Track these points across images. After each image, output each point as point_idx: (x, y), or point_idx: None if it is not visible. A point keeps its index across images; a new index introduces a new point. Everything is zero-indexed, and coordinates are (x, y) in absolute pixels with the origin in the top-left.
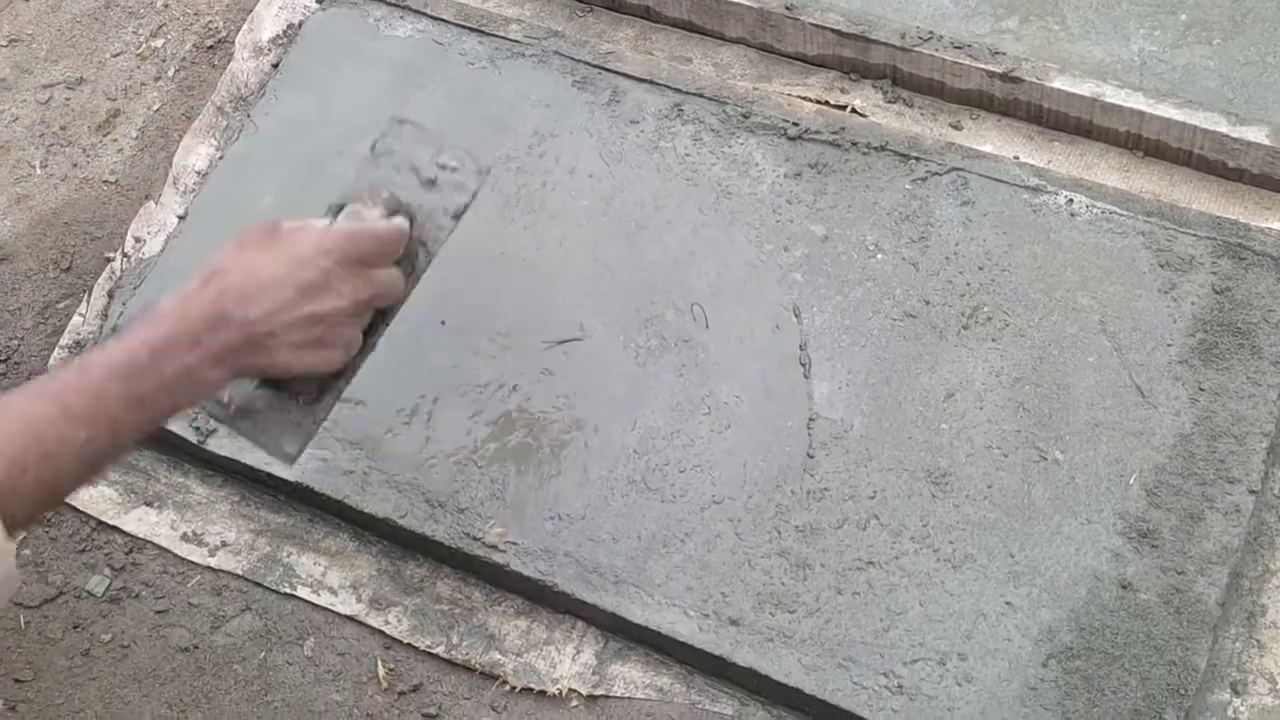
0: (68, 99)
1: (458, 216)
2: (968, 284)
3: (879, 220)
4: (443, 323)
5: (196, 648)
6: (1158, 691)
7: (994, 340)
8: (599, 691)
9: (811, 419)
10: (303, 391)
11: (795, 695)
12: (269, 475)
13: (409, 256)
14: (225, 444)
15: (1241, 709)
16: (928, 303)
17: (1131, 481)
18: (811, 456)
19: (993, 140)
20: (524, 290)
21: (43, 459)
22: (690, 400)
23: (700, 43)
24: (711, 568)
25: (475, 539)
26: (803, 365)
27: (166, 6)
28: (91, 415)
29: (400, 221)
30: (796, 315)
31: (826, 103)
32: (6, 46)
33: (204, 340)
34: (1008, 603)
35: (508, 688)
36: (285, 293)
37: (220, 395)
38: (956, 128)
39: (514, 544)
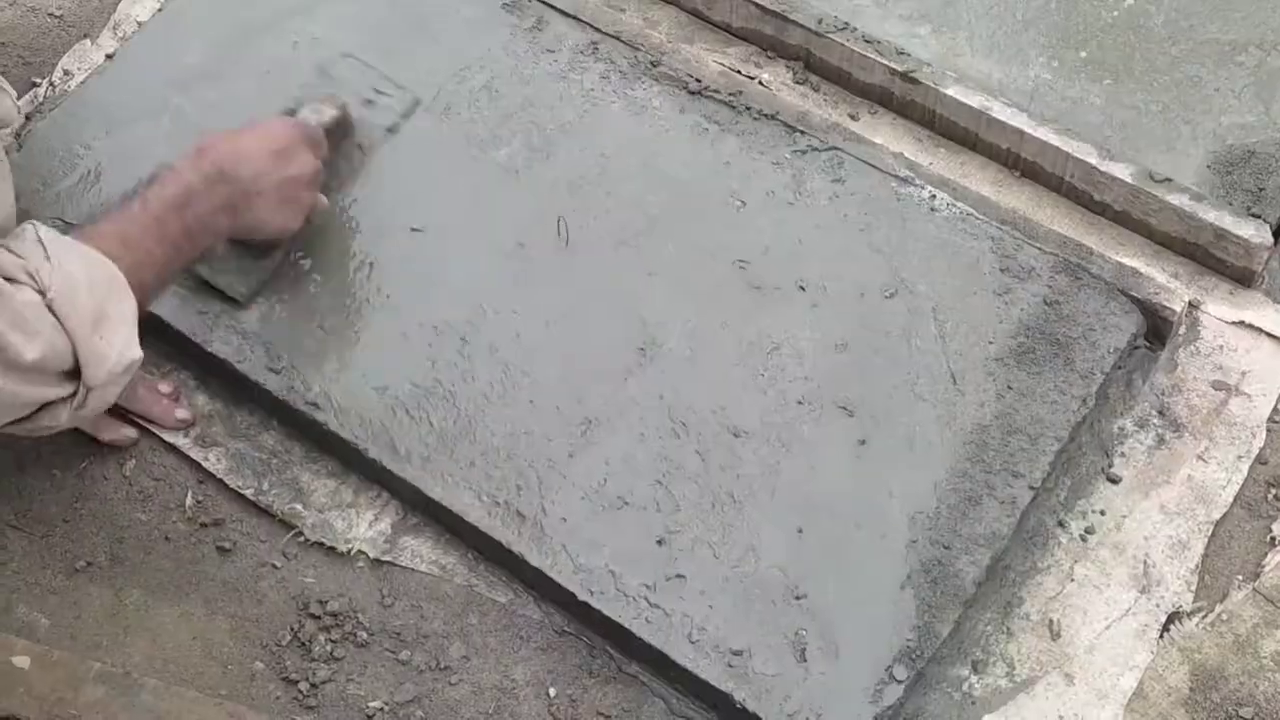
0: None
1: (390, 130)
2: (818, 251)
3: (750, 179)
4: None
5: (24, 450)
6: (899, 647)
7: (831, 307)
8: (386, 558)
9: (642, 347)
10: (256, 247)
11: (566, 595)
12: None
13: (347, 154)
14: None
15: (976, 686)
16: (769, 257)
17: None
18: (626, 380)
19: (884, 135)
20: (408, 187)
21: (144, 272)
22: (531, 305)
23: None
24: (514, 460)
25: (300, 394)
26: (641, 294)
27: None
28: (162, 240)
29: (316, 118)
30: (640, 244)
31: (738, 71)
32: None
33: (215, 191)
34: (752, 548)
35: (302, 539)
36: (265, 159)
37: None
38: (854, 118)
39: (335, 404)
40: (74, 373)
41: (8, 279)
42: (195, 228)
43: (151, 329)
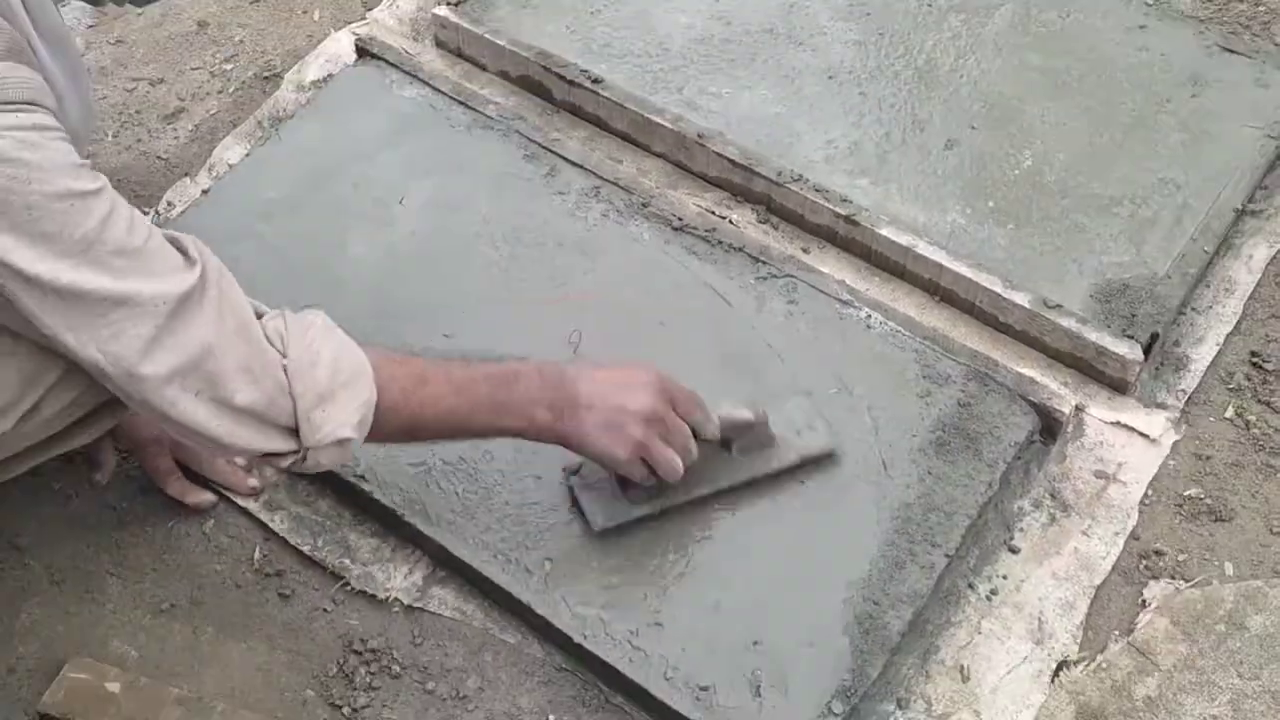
0: (148, 92)
1: (786, 468)
2: (778, 358)
3: (716, 302)
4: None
5: (122, 509)
6: (837, 686)
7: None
8: (417, 604)
9: None
10: (633, 495)
11: (564, 638)
12: None
13: (728, 456)
14: None
15: None
16: (739, 357)
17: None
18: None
19: (830, 265)
20: (442, 290)
21: (422, 406)
22: None
23: (633, 151)
24: (524, 525)
25: (350, 469)
26: None
27: (241, 43)
28: (461, 393)
29: (727, 411)
30: (638, 343)
31: (713, 212)
32: (113, 45)
33: (546, 388)
34: (718, 603)
35: (349, 588)
36: (607, 384)
37: (574, 464)
38: (806, 252)
39: (379, 478)
40: (295, 433)
41: (265, 334)
42: (508, 403)
43: None
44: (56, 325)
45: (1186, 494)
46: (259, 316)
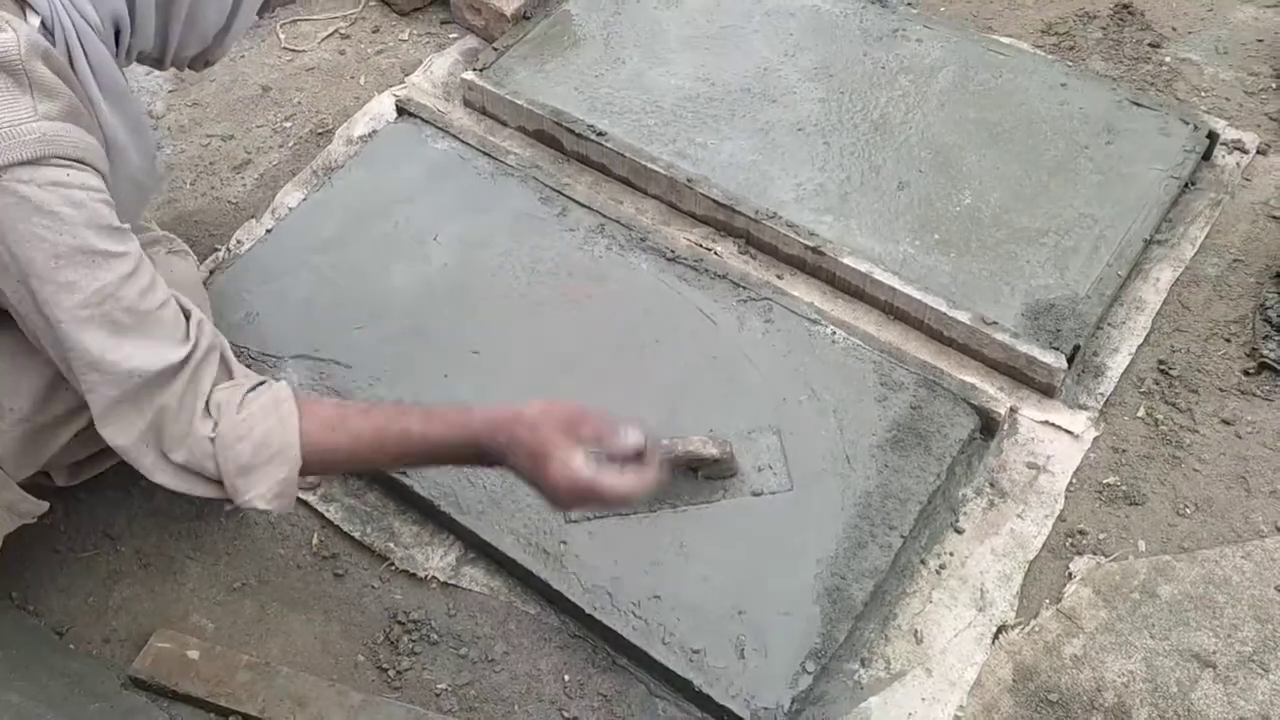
0: (220, 146)
1: (755, 494)
2: (756, 371)
3: (704, 321)
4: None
5: (199, 502)
6: (809, 648)
7: (764, 405)
8: (452, 581)
9: None
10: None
11: (576, 609)
12: None
13: (695, 484)
14: None
15: (863, 676)
16: (724, 370)
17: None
18: None
19: (800, 290)
20: (475, 318)
21: (350, 460)
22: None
23: (631, 194)
24: (541, 514)
25: None
26: (636, 391)
27: (299, 104)
28: (388, 454)
29: (697, 445)
30: (639, 357)
31: (700, 245)
32: (190, 106)
33: (495, 433)
34: (707, 578)
35: (393, 568)
36: (526, 474)
37: None
38: (779, 278)
39: (418, 472)
40: (224, 489)
41: (208, 406)
42: (437, 444)
43: None
44: (55, 357)
45: (1105, 482)
46: (231, 377)
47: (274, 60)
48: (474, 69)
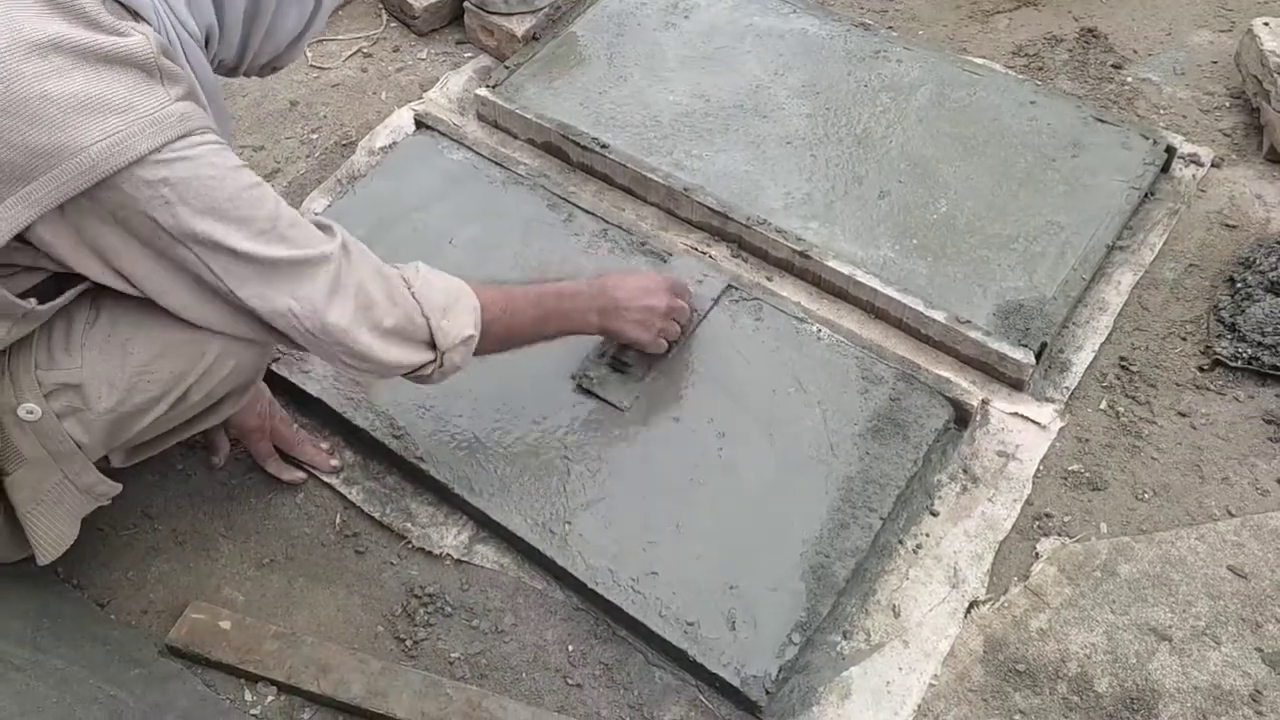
0: (250, 156)
1: (715, 301)
2: (745, 363)
3: (700, 316)
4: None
5: (231, 484)
6: (795, 621)
7: (755, 398)
8: (465, 559)
9: (634, 432)
10: (631, 372)
11: (580, 585)
12: (300, 391)
13: (694, 312)
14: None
15: (845, 648)
16: (717, 364)
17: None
18: (623, 445)
19: (788, 290)
20: None
21: (513, 316)
22: (556, 395)
23: (633, 201)
24: (549, 497)
25: (411, 451)
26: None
27: (324, 117)
28: (538, 306)
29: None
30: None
31: (696, 249)
32: None
33: (594, 298)
34: (701, 556)
35: (410, 546)
36: (635, 290)
37: (588, 370)
38: (769, 280)
39: (435, 458)
40: (431, 344)
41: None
42: (570, 312)
43: (318, 408)
44: (252, 289)
45: (1070, 469)
46: None
47: (301, 77)
48: (487, 86)
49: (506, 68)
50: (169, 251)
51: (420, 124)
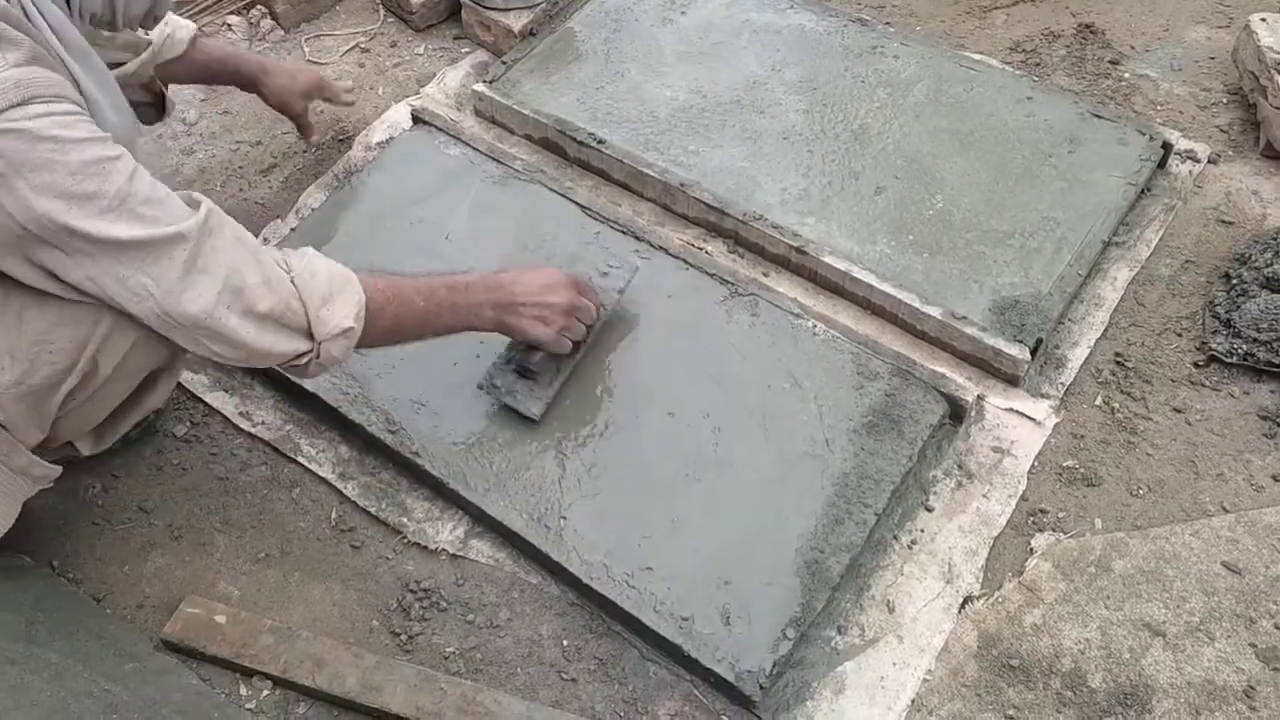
0: (248, 152)
1: (621, 292)
2: (741, 358)
3: (702, 311)
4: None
5: (227, 479)
6: (790, 616)
7: (750, 393)
8: (460, 554)
9: (635, 412)
10: (539, 378)
11: (575, 580)
12: (296, 386)
13: (600, 308)
14: None
15: (839, 643)
16: (713, 358)
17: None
18: (618, 434)
19: (784, 286)
20: None
21: (400, 307)
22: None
23: (629, 197)
24: (544, 492)
25: (407, 446)
26: (641, 371)
27: (321, 112)
28: (428, 299)
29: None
30: (640, 340)
31: (693, 245)
32: (221, 114)
33: (489, 292)
34: (696, 551)
35: (406, 541)
36: (533, 285)
37: (494, 378)
38: (765, 275)
39: (430, 453)
40: (309, 334)
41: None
42: (464, 306)
43: (314, 403)
44: (104, 272)
45: (1064, 465)
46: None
47: None
48: (484, 81)
49: (504, 63)
50: (11, 230)
51: (417, 119)
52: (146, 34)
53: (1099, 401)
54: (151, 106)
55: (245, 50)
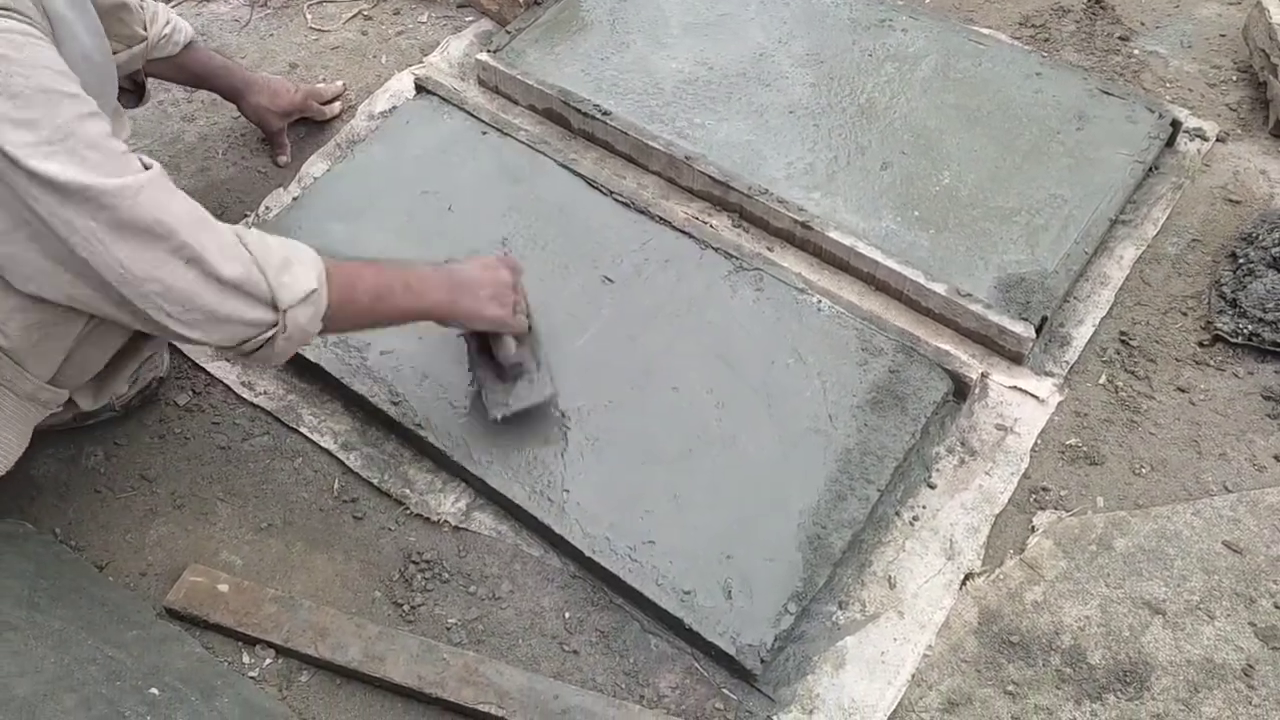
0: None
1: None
2: (745, 334)
3: (707, 285)
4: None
5: (230, 448)
6: (791, 591)
7: (754, 368)
8: (462, 525)
9: (641, 385)
10: (526, 364)
11: (577, 552)
12: (298, 356)
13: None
14: None
15: (840, 617)
16: (719, 332)
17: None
18: (621, 409)
19: (789, 261)
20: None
21: (356, 279)
22: (568, 356)
23: (634, 169)
24: (546, 465)
25: (410, 418)
26: (646, 348)
27: (324, 80)
28: (384, 280)
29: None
30: (649, 319)
31: (697, 218)
32: None
33: (444, 276)
34: (698, 525)
35: (409, 512)
36: (480, 270)
37: (496, 398)
38: (770, 250)
39: (434, 425)
40: (272, 303)
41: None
42: (420, 290)
43: (317, 374)
44: (51, 215)
45: (1067, 443)
46: None
47: (301, 39)
48: (488, 50)
49: (508, 32)
50: None
51: (420, 89)
52: (144, 30)
53: (1103, 380)
54: (131, 94)
55: (235, 64)
